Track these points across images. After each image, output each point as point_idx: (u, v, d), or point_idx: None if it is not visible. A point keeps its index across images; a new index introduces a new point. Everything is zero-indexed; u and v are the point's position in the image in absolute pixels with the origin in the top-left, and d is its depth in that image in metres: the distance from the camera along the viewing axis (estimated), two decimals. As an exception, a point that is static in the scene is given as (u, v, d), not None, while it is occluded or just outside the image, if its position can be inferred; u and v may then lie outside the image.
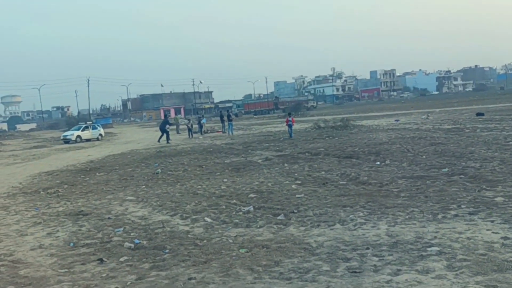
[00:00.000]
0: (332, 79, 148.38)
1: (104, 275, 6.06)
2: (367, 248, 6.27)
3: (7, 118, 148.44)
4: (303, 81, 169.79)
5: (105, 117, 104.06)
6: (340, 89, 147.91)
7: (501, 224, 6.88)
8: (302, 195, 9.96)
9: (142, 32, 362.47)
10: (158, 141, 30.31)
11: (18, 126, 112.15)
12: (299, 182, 11.58)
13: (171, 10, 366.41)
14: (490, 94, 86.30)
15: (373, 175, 11.71)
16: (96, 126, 44.49)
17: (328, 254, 6.19)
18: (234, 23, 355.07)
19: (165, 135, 30.09)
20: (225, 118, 35.23)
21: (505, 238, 6.23)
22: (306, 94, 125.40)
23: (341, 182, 11.09)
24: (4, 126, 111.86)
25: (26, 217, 10.00)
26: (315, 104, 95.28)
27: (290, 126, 24.98)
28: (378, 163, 13.53)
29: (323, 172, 12.67)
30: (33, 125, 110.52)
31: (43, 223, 9.30)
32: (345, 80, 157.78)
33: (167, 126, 30.48)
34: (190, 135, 33.91)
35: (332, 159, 15.13)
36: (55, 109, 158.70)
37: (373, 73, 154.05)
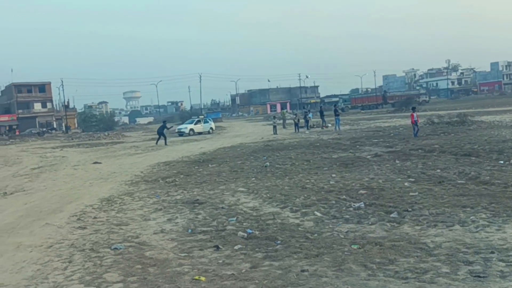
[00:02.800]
0: (447, 72, 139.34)
1: (220, 261, 6.36)
2: (492, 252, 5.84)
3: (128, 112, 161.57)
4: (414, 75, 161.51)
5: (215, 111, 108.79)
6: (456, 83, 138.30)
7: None
8: (416, 193, 9.53)
9: (247, 30, 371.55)
10: (156, 143, 31.57)
11: (137, 119, 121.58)
12: (412, 179, 11.09)
13: (272, 7, 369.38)
14: None
15: (496, 174, 10.84)
16: (208, 120, 46.61)
17: (447, 255, 5.88)
18: (340, 15, 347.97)
19: (162, 138, 31.35)
20: (326, 113, 35.09)
21: None
22: (417, 88, 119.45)
23: (459, 181, 10.42)
24: (126, 120, 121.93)
25: (148, 203, 10.83)
26: (427, 99, 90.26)
27: (416, 123, 21.86)
28: (502, 162, 12.48)
29: (438, 170, 12.01)
30: (151, 119, 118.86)
31: (163, 210, 10.00)
32: (462, 73, 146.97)
33: (165, 130, 32.01)
34: (297, 130, 34.13)
35: (448, 156, 14.27)
36: (170, 103, 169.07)
37: (494, 65, 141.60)
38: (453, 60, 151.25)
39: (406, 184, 10.64)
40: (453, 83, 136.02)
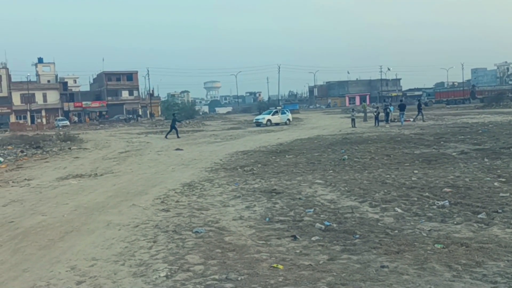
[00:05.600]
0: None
1: (297, 251, 6.39)
2: None
3: (208, 102, 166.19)
4: (507, 68, 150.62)
5: (292, 103, 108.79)
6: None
7: None
8: (508, 194, 8.93)
9: (327, 19, 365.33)
10: (166, 137, 31.25)
11: (217, 109, 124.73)
12: (503, 179, 10.40)
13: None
14: None
15: None
16: (285, 111, 46.78)
17: (542, 262, 5.46)
18: (427, 1, 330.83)
19: (174, 130, 31.72)
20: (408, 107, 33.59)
21: None
22: (510, 83, 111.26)
23: (557, 184, 9.62)
24: (206, 109, 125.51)
25: (228, 190, 11.10)
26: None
27: None
28: None
29: (533, 171, 11.16)
30: (229, 109, 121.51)
31: (241, 197, 10.21)
32: None
33: (177, 123, 32.86)
34: (377, 123, 33.24)
35: (545, 156, 13.19)
36: (248, 94, 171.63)
37: None
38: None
39: (495, 184, 10.00)
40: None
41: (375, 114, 34.70)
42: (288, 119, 44.17)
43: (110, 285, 5.49)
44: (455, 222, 7.38)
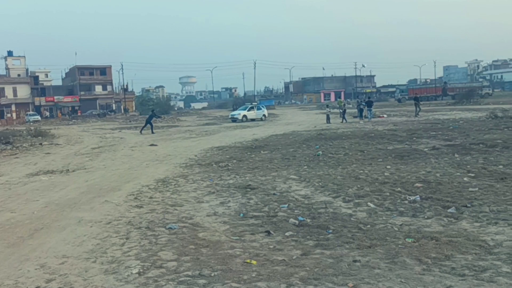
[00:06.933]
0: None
1: (271, 246, 6.41)
2: (558, 255, 5.52)
3: (184, 97, 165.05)
4: (478, 66, 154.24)
5: (268, 98, 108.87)
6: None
7: None
8: (476, 189, 9.15)
9: (304, 16, 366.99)
10: (141, 132, 31.51)
11: (192, 104, 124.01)
12: (472, 175, 10.65)
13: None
14: None
15: None
16: (261, 107, 46.83)
17: (508, 254, 5.61)
18: (401, 1, 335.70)
19: (148, 126, 31.80)
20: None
21: None
22: (480, 80, 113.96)
23: (524, 179, 9.90)
24: (181, 104, 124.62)
25: (202, 186, 11.04)
26: (490, 92, 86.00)
27: None
28: None
29: (501, 166, 11.45)
30: (205, 104, 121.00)
31: (216, 193, 10.17)
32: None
33: (154, 119, 33.15)
34: (343, 120, 33.45)
35: (512, 152, 13.56)
36: (224, 90, 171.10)
37: None
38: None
39: (465, 179, 10.23)
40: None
41: (340, 110, 35.38)
42: (264, 115, 44.25)
43: (81, 282, 5.39)
44: (425, 217, 7.52)
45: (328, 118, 34.07)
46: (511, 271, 5.12)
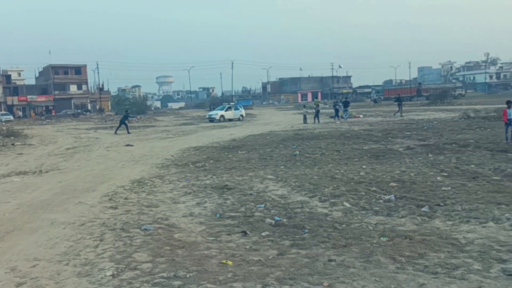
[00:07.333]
0: (485, 66, 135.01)
1: (247, 247, 6.40)
2: (527, 252, 5.66)
3: (161, 97, 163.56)
4: (451, 67, 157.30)
5: (246, 99, 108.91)
6: (494, 77, 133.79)
7: None
8: (449, 188, 9.33)
9: (282, 17, 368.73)
10: (115, 132, 31.44)
11: (169, 104, 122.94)
12: (445, 174, 10.85)
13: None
14: None
15: (534, 172, 10.48)
16: (238, 107, 46.79)
17: (479, 252, 5.74)
18: (374, 3, 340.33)
19: (124, 126, 31.81)
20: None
21: None
22: (453, 81, 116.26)
23: (494, 178, 10.14)
24: (158, 104, 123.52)
25: (178, 187, 10.96)
26: (463, 92, 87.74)
27: (510, 123, 15.73)
28: (541, 159, 12.06)
29: (473, 166, 11.70)
30: (182, 104, 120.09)
31: (192, 194, 10.11)
32: (501, 67, 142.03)
33: (127, 120, 32.85)
34: (316, 120, 33.58)
35: (484, 152, 13.87)
36: (201, 89, 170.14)
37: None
38: (492, 53, 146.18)
39: (438, 178, 10.42)
40: (491, 77, 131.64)
41: (314, 110, 35.59)
42: (242, 115, 44.21)
43: (53, 286, 5.29)
44: (400, 216, 7.63)
45: (305, 118, 34.23)
46: (482, 269, 5.23)
